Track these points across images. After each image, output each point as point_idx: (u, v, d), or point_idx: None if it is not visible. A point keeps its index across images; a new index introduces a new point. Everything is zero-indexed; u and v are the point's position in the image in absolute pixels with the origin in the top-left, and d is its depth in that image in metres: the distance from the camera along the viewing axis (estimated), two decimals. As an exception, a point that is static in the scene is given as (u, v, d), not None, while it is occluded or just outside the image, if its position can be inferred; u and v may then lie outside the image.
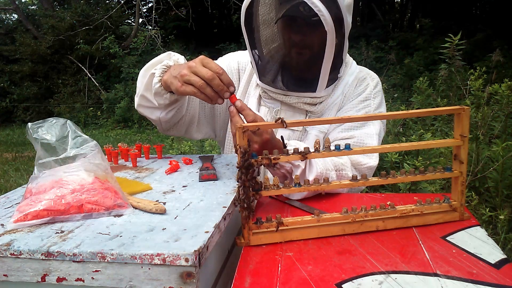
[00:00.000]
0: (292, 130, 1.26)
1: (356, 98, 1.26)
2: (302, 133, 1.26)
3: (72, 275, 0.65)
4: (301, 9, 1.09)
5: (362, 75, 1.30)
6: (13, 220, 0.75)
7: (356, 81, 1.28)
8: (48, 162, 0.83)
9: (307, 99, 1.23)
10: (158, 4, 9.71)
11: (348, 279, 0.65)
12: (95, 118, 9.39)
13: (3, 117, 10.21)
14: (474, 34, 8.25)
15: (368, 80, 1.29)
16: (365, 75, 1.30)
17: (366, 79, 1.29)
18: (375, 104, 1.25)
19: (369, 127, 1.21)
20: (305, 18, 1.11)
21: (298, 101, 1.24)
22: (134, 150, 1.19)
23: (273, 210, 0.95)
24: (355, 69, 1.30)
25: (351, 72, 1.29)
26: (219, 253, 0.79)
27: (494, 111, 2.83)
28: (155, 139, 6.94)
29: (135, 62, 9.66)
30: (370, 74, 1.32)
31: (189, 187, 0.95)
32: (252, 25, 1.20)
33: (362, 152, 0.86)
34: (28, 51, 10.05)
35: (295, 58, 1.22)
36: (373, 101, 1.25)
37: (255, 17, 1.21)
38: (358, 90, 1.27)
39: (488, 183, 2.46)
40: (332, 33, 1.08)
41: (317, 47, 1.14)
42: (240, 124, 0.75)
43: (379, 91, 1.29)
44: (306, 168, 1.04)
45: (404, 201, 0.95)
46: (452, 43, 3.21)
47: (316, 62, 1.15)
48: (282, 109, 1.28)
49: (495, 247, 0.74)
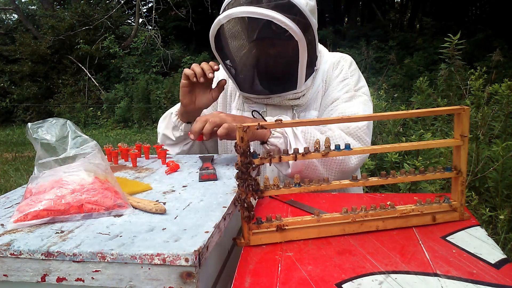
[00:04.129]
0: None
1: (335, 80, 1.32)
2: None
3: (72, 275, 0.65)
4: (273, 28, 1.13)
5: (335, 59, 1.36)
6: (13, 220, 0.75)
7: (332, 66, 1.34)
8: (48, 162, 0.83)
9: (289, 95, 1.28)
10: (158, 4, 9.72)
11: (348, 279, 0.65)
12: (95, 118, 9.39)
13: (3, 117, 10.20)
14: (474, 34, 8.25)
15: (342, 62, 1.35)
16: (338, 59, 1.36)
17: (340, 62, 1.35)
18: (353, 81, 1.31)
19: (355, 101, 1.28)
20: (277, 35, 1.16)
21: (281, 100, 1.29)
22: (134, 150, 1.19)
23: (273, 210, 0.95)
24: (329, 57, 1.37)
25: (325, 60, 1.35)
26: (219, 253, 0.79)
27: (494, 111, 2.82)
28: (155, 139, 6.94)
29: (135, 62, 9.66)
30: (343, 56, 1.38)
31: (189, 187, 0.95)
32: (224, 49, 1.25)
33: (362, 152, 0.86)
34: (28, 51, 10.05)
35: (272, 67, 1.27)
36: (351, 79, 1.31)
37: (225, 42, 1.25)
38: (335, 73, 1.33)
39: (488, 183, 2.46)
40: (303, 40, 1.13)
41: (292, 52, 1.18)
42: (241, 124, 0.75)
43: (355, 69, 1.35)
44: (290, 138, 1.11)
45: (404, 201, 0.95)
46: (452, 43, 3.21)
47: (293, 65, 1.20)
48: (268, 109, 1.33)
49: (495, 247, 0.74)
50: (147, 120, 8.62)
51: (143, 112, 8.69)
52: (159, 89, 8.82)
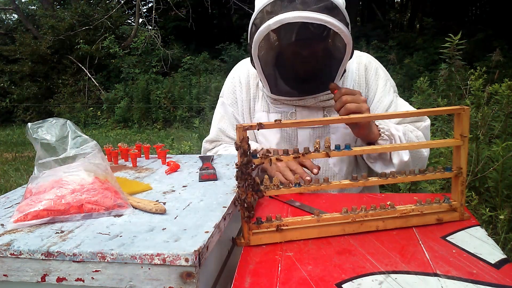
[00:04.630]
0: (312, 128, 1.29)
1: (378, 83, 1.32)
2: (324, 129, 1.29)
3: (72, 275, 0.65)
4: (311, 29, 1.11)
5: (363, 59, 1.34)
6: (13, 220, 0.75)
7: (362, 67, 1.32)
8: (48, 162, 0.83)
9: (323, 96, 1.25)
10: (158, 4, 9.71)
11: (348, 279, 0.65)
12: (95, 118, 9.38)
13: (3, 117, 10.19)
14: (474, 34, 8.24)
15: (373, 63, 1.35)
16: (368, 59, 1.35)
17: (371, 63, 1.34)
18: (389, 80, 1.34)
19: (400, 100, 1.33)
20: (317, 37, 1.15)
21: (315, 101, 1.26)
22: (134, 150, 1.19)
23: (273, 210, 0.95)
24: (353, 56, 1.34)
25: (351, 60, 1.32)
26: (219, 253, 0.79)
27: (494, 111, 2.82)
28: (155, 139, 6.94)
29: (135, 62, 9.65)
30: (368, 57, 1.37)
31: (189, 187, 0.95)
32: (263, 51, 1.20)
33: (362, 152, 0.86)
34: (28, 51, 10.04)
35: (308, 68, 1.23)
36: (389, 81, 1.34)
37: (266, 44, 1.21)
38: (371, 76, 1.32)
39: (488, 183, 2.46)
40: (351, 43, 1.12)
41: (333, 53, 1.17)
42: (240, 124, 0.75)
43: (382, 67, 1.36)
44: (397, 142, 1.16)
45: (404, 201, 0.95)
46: (452, 43, 3.21)
47: (332, 65, 1.18)
48: (297, 110, 1.29)
49: (495, 247, 0.74)
50: (147, 120, 8.62)
51: (143, 112, 8.69)
52: (159, 89, 8.82)
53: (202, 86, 8.60)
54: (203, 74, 9.36)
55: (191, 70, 9.74)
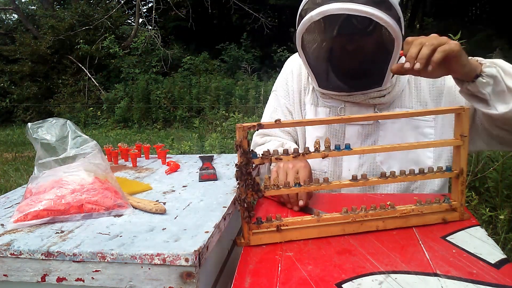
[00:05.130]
0: (361, 125, 1.22)
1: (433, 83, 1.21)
2: (374, 126, 1.22)
3: (72, 275, 0.65)
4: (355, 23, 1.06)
5: None
6: (13, 220, 0.75)
7: None
8: (48, 162, 0.83)
9: (374, 93, 1.19)
10: (158, 4, 9.71)
11: (348, 279, 0.65)
12: (95, 118, 9.38)
13: (3, 117, 10.19)
14: (474, 34, 8.24)
15: None
16: None
17: None
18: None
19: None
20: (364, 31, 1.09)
21: (365, 98, 1.20)
22: (134, 150, 1.19)
23: (273, 210, 0.95)
24: None
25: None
26: (219, 253, 0.79)
27: (494, 111, 2.82)
28: (155, 139, 6.94)
29: (135, 62, 9.65)
30: None
31: (189, 187, 0.95)
32: (305, 45, 1.16)
33: (362, 152, 0.86)
34: (28, 51, 10.04)
35: (358, 65, 1.19)
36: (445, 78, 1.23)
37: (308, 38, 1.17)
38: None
39: (488, 183, 2.46)
40: (400, 38, 1.06)
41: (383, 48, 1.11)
42: (240, 124, 0.75)
43: None
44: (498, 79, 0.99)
45: (404, 201, 0.95)
46: (452, 43, 3.20)
47: (382, 61, 1.11)
48: (347, 106, 1.24)
49: (495, 247, 0.74)
50: (147, 120, 8.62)
51: (143, 112, 8.69)
52: (159, 89, 8.82)
53: (202, 86, 8.60)
54: (203, 74, 9.36)
55: (191, 70, 9.74)
